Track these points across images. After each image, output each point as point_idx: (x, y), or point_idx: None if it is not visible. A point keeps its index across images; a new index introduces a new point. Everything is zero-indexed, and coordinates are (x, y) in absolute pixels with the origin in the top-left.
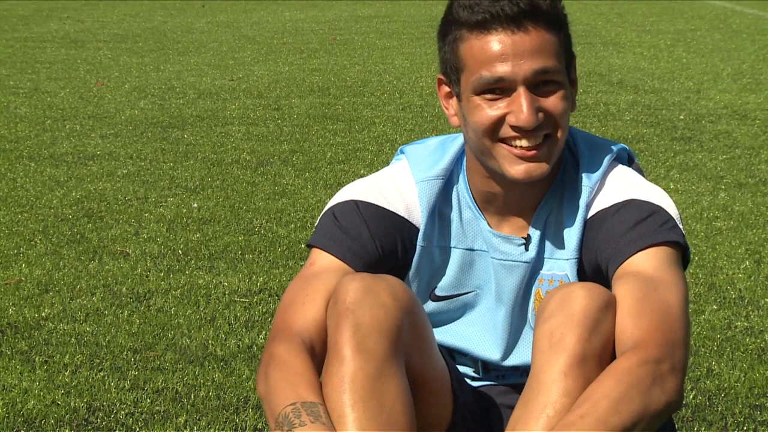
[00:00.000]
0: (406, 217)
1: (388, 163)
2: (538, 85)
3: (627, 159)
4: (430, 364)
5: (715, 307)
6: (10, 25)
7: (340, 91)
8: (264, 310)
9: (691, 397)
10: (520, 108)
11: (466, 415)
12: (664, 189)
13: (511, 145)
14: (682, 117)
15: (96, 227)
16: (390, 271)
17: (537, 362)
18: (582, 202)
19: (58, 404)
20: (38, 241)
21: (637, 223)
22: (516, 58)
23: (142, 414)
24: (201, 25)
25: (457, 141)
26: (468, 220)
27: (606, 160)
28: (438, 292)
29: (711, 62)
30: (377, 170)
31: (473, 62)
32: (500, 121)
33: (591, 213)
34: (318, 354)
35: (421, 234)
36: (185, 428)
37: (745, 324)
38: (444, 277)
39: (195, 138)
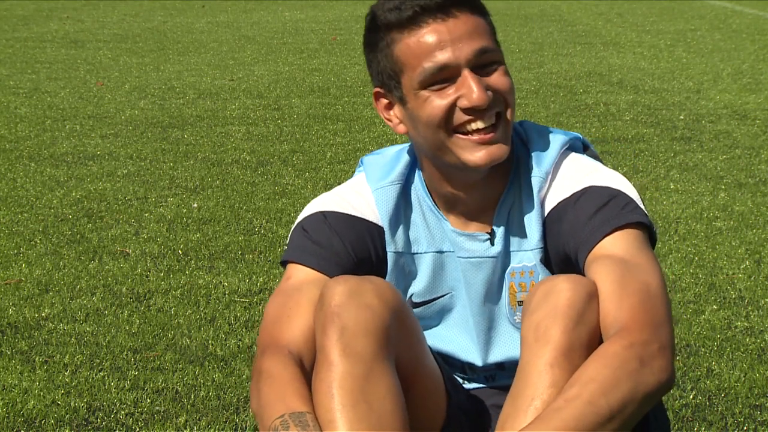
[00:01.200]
0: (374, 221)
1: (333, 188)
2: (481, 66)
3: (581, 148)
4: (422, 363)
5: (715, 307)
6: (10, 25)
7: (340, 91)
8: (264, 310)
9: (691, 397)
10: (470, 89)
11: (459, 414)
12: (663, 189)
13: (467, 132)
14: (682, 117)
15: (96, 227)
16: (369, 274)
17: (524, 356)
18: (535, 191)
19: (58, 404)
20: (38, 241)
21: (599, 209)
22: (454, 43)
23: (142, 414)
24: (201, 25)
25: (410, 149)
26: (432, 223)
27: (556, 149)
28: (414, 298)
29: (711, 62)
30: None
31: (413, 59)
32: (452, 108)
33: (551, 204)
34: (307, 365)
35: (388, 239)
36: (185, 428)
37: (745, 324)
38: (418, 283)
39: (195, 138)
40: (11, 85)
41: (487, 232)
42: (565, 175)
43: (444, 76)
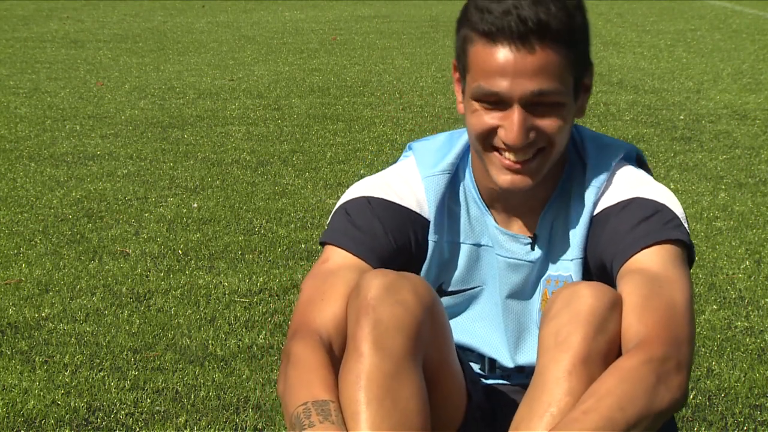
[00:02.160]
0: (417, 211)
1: (388, 163)
2: (535, 104)
3: (635, 159)
4: (447, 363)
5: (715, 307)
6: (10, 25)
7: (340, 91)
8: (264, 310)
9: (691, 397)
10: (511, 126)
11: (477, 414)
12: None
13: (501, 155)
14: (682, 117)
15: (96, 227)
16: (404, 264)
17: (542, 361)
18: (589, 202)
19: (58, 404)
20: (38, 241)
21: (641, 221)
22: (516, 76)
23: (142, 414)
24: (201, 25)
25: (463, 136)
26: (475, 215)
27: (614, 160)
28: (445, 287)
29: (711, 62)
30: (377, 170)
31: (476, 69)
32: (493, 131)
33: (596, 211)
34: (336, 351)
35: (432, 227)
36: (185, 428)
37: (745, 324)
38: (452, 272)
39: (195, 138)
40: (11, 85)
41: (530, 236)
42: (615, 185)
43: (495, 100)
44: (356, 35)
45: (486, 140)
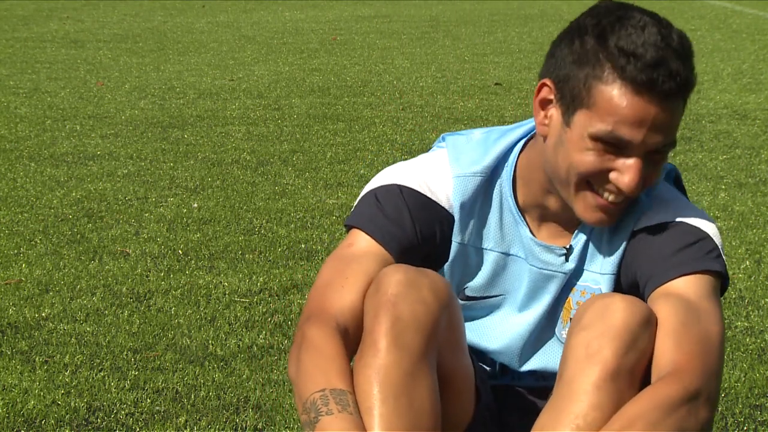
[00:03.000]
0: (446, 208)
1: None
2: (653, 152)
3: (673, 179)
4: (460, 363)
5: None
6: (10, 25)
7: (340, 91)
8: (264, 310)
9: None
10: (632, 176)
11: (485, 414)
12: None
13: (598, 194)
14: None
15: (96, 227)
16: (425, 260)
17: (570, 370)
18: (629, 218)
19: (58, 404)
20: (38, 241)
21: (684, 248)
22: (652, 129)
23: (142, 414)
24: (201, 25)
25: (505, 138)
26: (508, 223)
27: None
28: (468, 292)
29: (711, 62)
30: (377, 170)
31: (606, 110)
32: (602, 173)
33: (636, 227)
34: (351, 339)
35: (457, 228)
36: (185, 428)
37: (745, 324)
38: (476, 278)
39: (195, 138)
40: (11, 85)
41: (565, 247)
42: (657, 204)
43: (617, 145)
44: (356, 35)
45: (591, 179)
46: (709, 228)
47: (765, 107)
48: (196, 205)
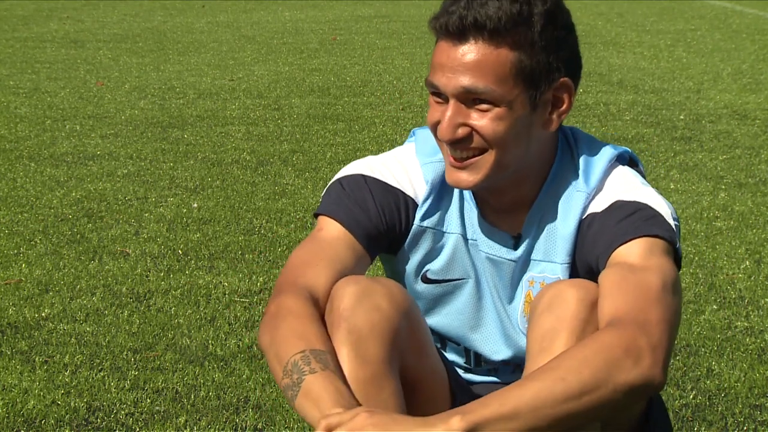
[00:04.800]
0: (411, 195)
1: (380, 154)
2: (472, 101)
3: (628, 161)
4: (427, 366)
5: (715, 307)
6: (10, 25)
7: (340, 91)
8: (264, 310)
9: (691, 397)
10: (442, 120)
11: None
12: (664, 189)
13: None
14: (682, 117)
15: (96, 227)
16: (390, 245)
17: (528, 367)
18: (578, 206)
19: (58, 404)
20: (38, 241)
21: (622, 219)
22: (450, 71)
23: (142, 414)
24: (201, 25)
25: None
26: (466, 209)
27: (604, 164)
28: (429, 275)
29: (711, 62)
30: None
31: (431, 65)
32: (435, 126)
33: (584, 215)
34: (323, 313)
35: (422, 211)
36: (185, 428)
37: (745, 324)
38: (437, 260)
39: (195, 138)
40: (11, 85)
41: (514, 235)
42: (605, 190)
43: (438, 94)
44: (356, 35)
45: (435, 136)
46: (649, 199)
47: (765, 107)
48: (196, 205)
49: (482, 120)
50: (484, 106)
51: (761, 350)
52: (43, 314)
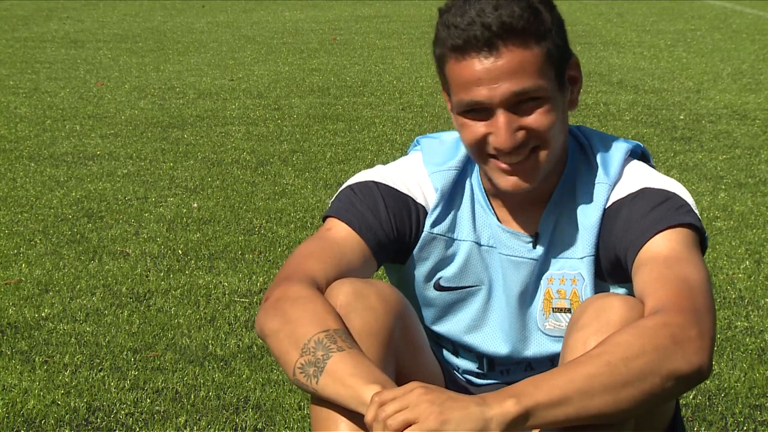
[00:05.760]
0: (421, 203)
1: (388, 163)
2: (519, 103)
3: (640, 155)
4: (422, 367)
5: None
6: (10, 25)
7: (340, 91)
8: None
9: (691, 397)
10: (498, 130)
11: None
12: None
13: (499, 160)
14: (682, 117)
15: (96, 227)
16: (399, 252)
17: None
18: (600, 198)
19: (58, 404)
20: (38, 241)
21: (652, 209)
22: (491, 82)
23: (142, 414)
24: (201, 25)
25: None
26: (478, 214)
27: (621, 156)
28: (442, 282)
29: (711, 62)
30: None
31: (454, 84)
32: (483, 140)
33: (608, 205)
34: None
35: (432, 218)
36: (185, 428)
37: (745, 324)
38: (449, 268)
39: (195, 138)
40: (11, 85)
41: (532, 234)
42: (625, 179)
43: (479, 110)
44: (356, 35)
45: (480, 150)
46: (676, 188)
47: (765, 107)
48: (196, 205)
49: (534, 117)
50: (530, 104)
51: (761, 350)
52: (43, 314)
